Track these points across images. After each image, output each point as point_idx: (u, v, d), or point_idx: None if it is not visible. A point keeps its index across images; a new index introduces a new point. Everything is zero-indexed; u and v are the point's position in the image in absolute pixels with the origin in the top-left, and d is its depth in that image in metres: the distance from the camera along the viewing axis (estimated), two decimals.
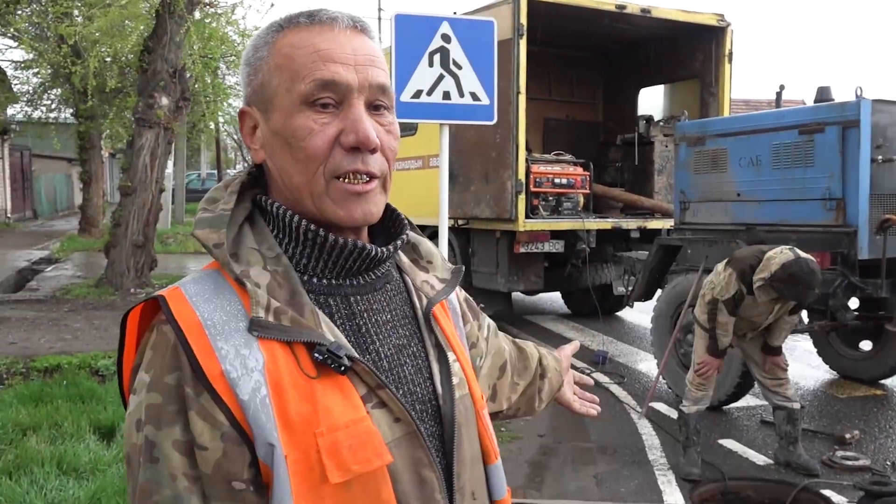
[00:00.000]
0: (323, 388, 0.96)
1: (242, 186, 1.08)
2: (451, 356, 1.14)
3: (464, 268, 1.27)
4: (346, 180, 1.02)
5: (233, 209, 1.04)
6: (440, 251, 1.28)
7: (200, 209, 1.06)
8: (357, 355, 0.99)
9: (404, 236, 1.14)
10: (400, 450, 1.00)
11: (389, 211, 1.17)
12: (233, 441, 0.93)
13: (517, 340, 1.57)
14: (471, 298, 1.39)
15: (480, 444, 1.16)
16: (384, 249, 1.08)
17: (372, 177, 1.04)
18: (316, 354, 0.96)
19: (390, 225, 1.17)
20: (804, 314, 5.99)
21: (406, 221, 1.18)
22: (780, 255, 4.51)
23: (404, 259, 1.19)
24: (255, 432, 0.93)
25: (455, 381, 1.12)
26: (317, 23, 1.04)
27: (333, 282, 1.06)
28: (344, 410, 0.96)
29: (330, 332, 0.99)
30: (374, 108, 1.05)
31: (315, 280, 1.05)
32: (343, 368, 0.97)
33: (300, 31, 1.04)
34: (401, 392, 1.05)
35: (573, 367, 1.70)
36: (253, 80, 1.06)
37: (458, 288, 1.31)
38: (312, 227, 1.03)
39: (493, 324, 1.46)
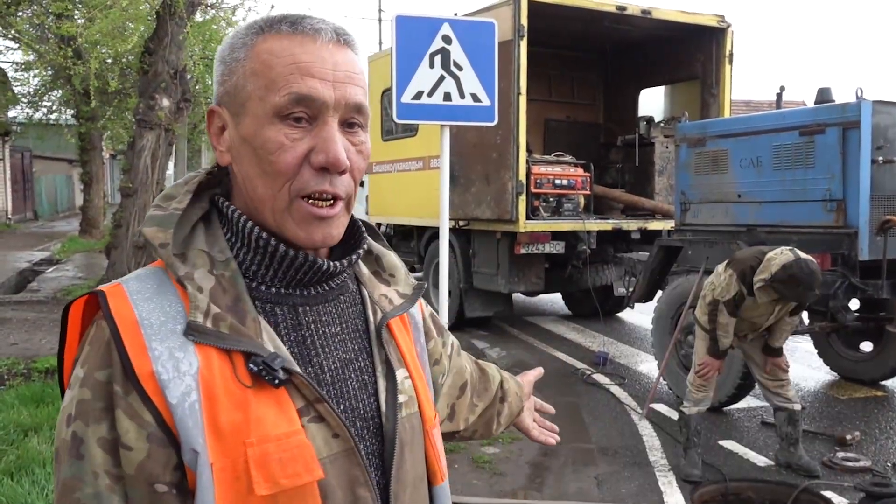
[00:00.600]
0: (257, 399, 0.94)
1: (200, 186, 1.06)
2: (401, 373, 1.10)
3: (426, 284, 1.29)
4: (311, 201, 1.00)
5: (186, 208, 1.02)
6: (404, 265, 1.24)
7: (153, 206, 1.04)
8: (296, 368, 0.97)
9: (360, 251, 1.10)
10: (335, 466, 0.98)
11: (351, 222, 1.13)
12: (158, 442, 0.91)
13: (480, 362, 1.54)
14: (436, 315, 1.36)
15: (427, 465, 1.13)
16: (336, 264, 1.06)
17: (337, 199, 1.01)
18: (251, 365, 0.94)
19: (350, 237, 1.13)
20: (805, 315, 5.99)
21: (364, 235, 1.14)
22: (780, 256, 4.51)
23: (364, 271, 1.16)
24: (182, 436, 0.91)
25: (402, 398, 1.09)
26: (299, 32, 1.01)
27: (282, 291, 1.04)
28: (277, 422, 0.94)
29: (271, 343, 0.97)
30: (347, 125, 1.02)
31: (263, 287, 1.03)
32: (277, 382, 0.94)
33: (281, 38, 1.01)
34: (342, 407, 1.02)
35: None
36: (226, 81, 1.04)
37: (423, 304, 1.29)
38: (264, 235, 1.01)
39: (456, 342, 1.43)
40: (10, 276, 12.88)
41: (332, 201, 1.01)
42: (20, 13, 13.89)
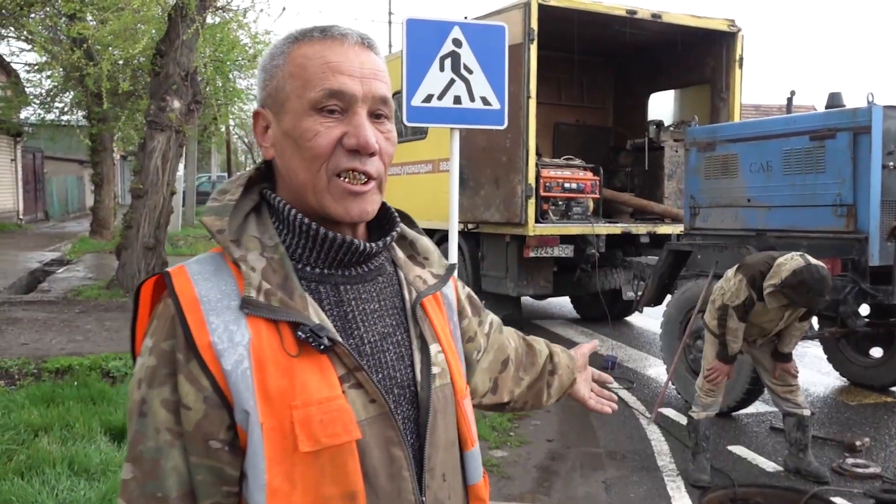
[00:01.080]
0: (302, 366, 1.06)
1: (250, 181, 1.20)
2: (434, 348, 1.22)
3: (456, 264, 1.39)
4: (346, 179, 1.13)
5: (238, 200, 1.16)
6: (437, 248, 1.37)
7: (211, 199, 1.17)
8: (339, 338, 1.09)
9: (393, 233, 1.23)
10: (372, 428, 1.09)
11: (385, 209, 1.26)
12: (213, 405, 1.04)
13: (528, 338, 1.64)
14: (474, 296, 1.48)
15: (459, 431, 1.25)
16: (372, 245, 1.18)
17: (369, 177, 1.14)
18: (299, 332, 1.06)
19: (385, 222, 1.26)
20: (815, 321, 5.97)
21: (397, 220, 1.27)
22: (790, 261, 4.50)
23: (400, 254, 1.29)
24: (235, 399, 1.04)
25: (436, 370, 1.21)
26: (329, 37, 1.15)
27: (325, 271, 1.16)
28: (320, 388, 1.06)
29: (316, 316, 1.10)
30: (375, 116, 1.15)
31: (308, 269, 1.15)
32: (322, 348, 1.07)
33: (313, 43, 1.15)
34: (380, 376, 1.14)
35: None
36: (268, 85, 1.17)
37: (461, 285, 1.44)
38: (306, 220, 1.14)
39: (497, 321, 1.54)
40: (21, 276, 12.95)
41: (364, 179, 1.14)
42: (33, 14, 13.98)
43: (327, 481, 1.05)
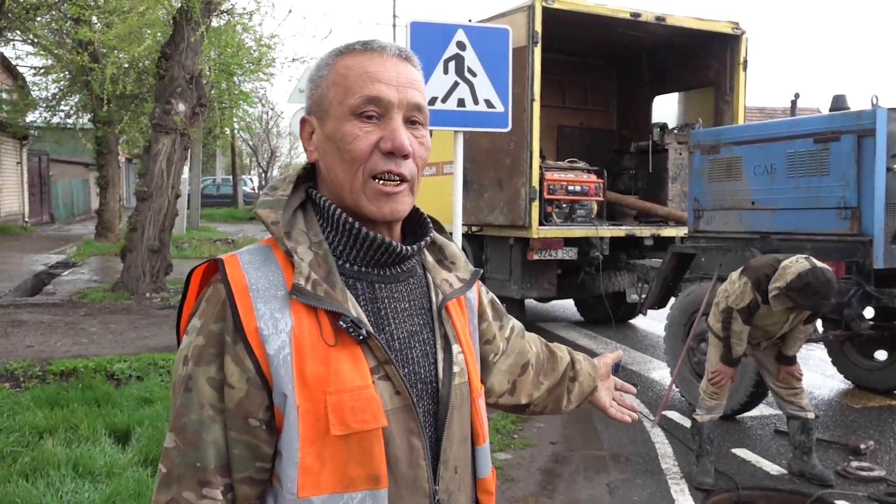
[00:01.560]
0: (338, 356, 1.15)
1: (298, 179, 1.29)
2: (456, 348, 1.31)
3: (481, 270, 1.43)
4: (381, 181, 1.21)
5: (289, 196, 1.24)
6: (464, 254, 1.45)
7: (263, 194, 1.26)
8: (373, 332, 1.17)
9: (427, 238, 1.32)
10: (396, 418, 1.18)
11: (419, 215, 1.35)
12: (255, 385, 1.13)
13: (552, 344, 1.72)
14: (497, 301, 1.59)
15: (472, 427, 1.34)
16: (408, 248, 1.26)
17: (402, 179, 1.23)
18: (340, 322, 1.15)
19: (418, 227, 1.36)
20: (819, 324, 5.96)
21: (430, 226, 1.36)
22: (795, 264, 4.49)
23: (429, 259, 1.37)
24: (275, 382, 1.13)
25: (456, 369, 1.29)
26: (369, 50, 1.25)
27: (363, 269, 1.25)
28: (352, 377, 1.14)
29: (354, 309, 1.18)
30: (410, 122, 1.24)
31: (347, 265, 1.24)
32: (361, 338, 1.16)
33: (355, 55, 1.24)
34: (406, 370, 1.22)
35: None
36: (314, 94, 1.27)
37: (485, 290, 1.54)
38: (350, 219, 1.22)
39: (520, 326, 1.64)
40: (27, 278, 12.98)
41: (398, 181, 1.22)
42: (38, 18, 14.03)
43: (354, 463, 1.14)
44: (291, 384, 1.12)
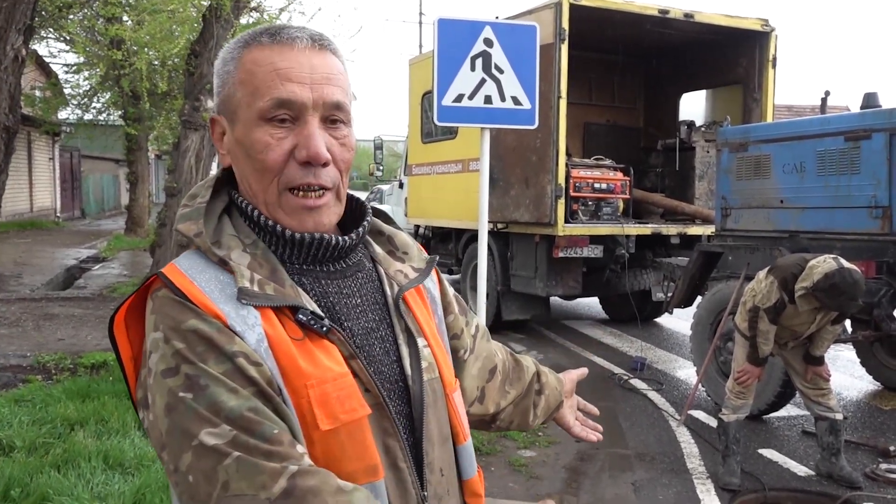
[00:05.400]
0: (309, 349, 1.06)
1: (218, 182, 1.18)
2: (421, 341, 1.20)
3: (437, 257, 1.38)
4: (300, 193, 1.11)
5: (209, 203, 1.14)
6: (416, 242, 1.35)
7: (182, 205, 1.16)
8: (335, 325, 1.09)
9: (365, 224, 1.21)
10: (369, 417, 1.08)
11: (356, 203, 1.26)
12: (256, 364, 1.01)
13: (516, 354, 1.61)
14: (460, 297, 1.46)
15: (451, 426, 1.23)
16: (344, 239, 1.16)
17: (325, 189, 1.12)
18: (300, 316, 1.06)
19: (359, 216, 1.25)
20: (848, 323, 5.89)
21: (368, 210, 1.25)
22: (823, 264, 4.45)
23: (378, 250, 1.26)
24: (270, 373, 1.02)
25: (424, 364, 1.19)
26: (277, 42, 1.11)
27: (305, 267, 1.15)
28: (330, 366, 1.06)
29: (308, 304, 1.09)
30: (330, 121, 1.13)
31: (288, 265, 1.14)
32: (325, 329, 1.07)
33: (262, 49, 1.11)
34: (371, 370, 1.11)
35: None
36: (221, 92, 1.16)
37: (445, 283, 1.40)
38: (271, 222, 1.12)
39: (483, 328, 1.51)
40: (58, 272, 13.19)
41: (320, 192, 1.12)
42: (71, 16, 14.22)
43: (348, 458, 1.05)
44: (280, 376, 1.02)
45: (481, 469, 1.33)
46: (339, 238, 1.16)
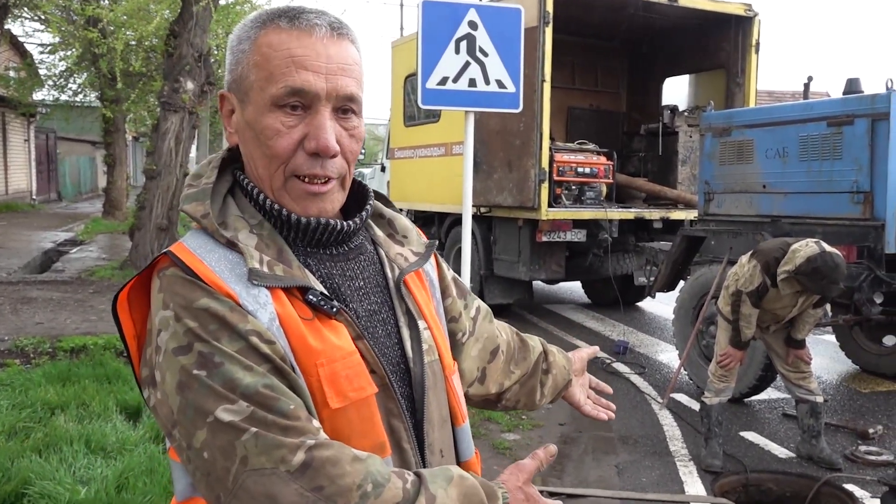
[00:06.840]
0: (319, 328, 1.06)
1: (223, 162, 1.18)
2: (421, 324, 1.22)
3: (437, 242, 1.37)
4: (305, 180, 1.11)
5: (215, 183, 1.13)
6: (415, 227, 1.36)
7: (186, 185, 1.15)
8: (343, 306, 1.10)
9: (368, 208, 1.21)
10: (376, 397, 1.09)
11: (359, 186, 1.25)
12: (269, 342, 1.01)
13: (523, 334, 1.61)
14: (459, 279, 1.46)
15: (449, 407, 1.25)
16: (348, 223, 1.17)
17: (329, 179, 1.12)
18: (310, 297, 1.07)
19: (362, 199, 1.25)
20: (828, 307, 5.94)
21: (371, 195, 1.25)
22: (805, 248, 4.48)
23: (379, 233, 1.27)
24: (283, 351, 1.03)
25: (425, 346, 1.20)
26: (296, 28, 1.10)
27: (308, 249, 1.15)
28: (339, 345, 1.07)
29: (316, 285, 1.09)
30: (341, 111, 1.12)
31: (293, 246, 1.14)
32: (335, 309, 1.08)
33: (280, 32, 1.10)
34: (376, 350, 1.13)
35: (595, 357, 1.72)
36: (234, 70, 1.14)
37: (444, 266, 1.41)
38: (276, 206, 1.12)
39: (486, 309, 1.51)
40: (35, 255, 13.03)
41: (325, 180, 1.12)
42: None
43: (356, 435, 1.06)
44: (292, 354, 1.03)
45: (478, 451, 1.34)
46: (344, 223, 1.16)
